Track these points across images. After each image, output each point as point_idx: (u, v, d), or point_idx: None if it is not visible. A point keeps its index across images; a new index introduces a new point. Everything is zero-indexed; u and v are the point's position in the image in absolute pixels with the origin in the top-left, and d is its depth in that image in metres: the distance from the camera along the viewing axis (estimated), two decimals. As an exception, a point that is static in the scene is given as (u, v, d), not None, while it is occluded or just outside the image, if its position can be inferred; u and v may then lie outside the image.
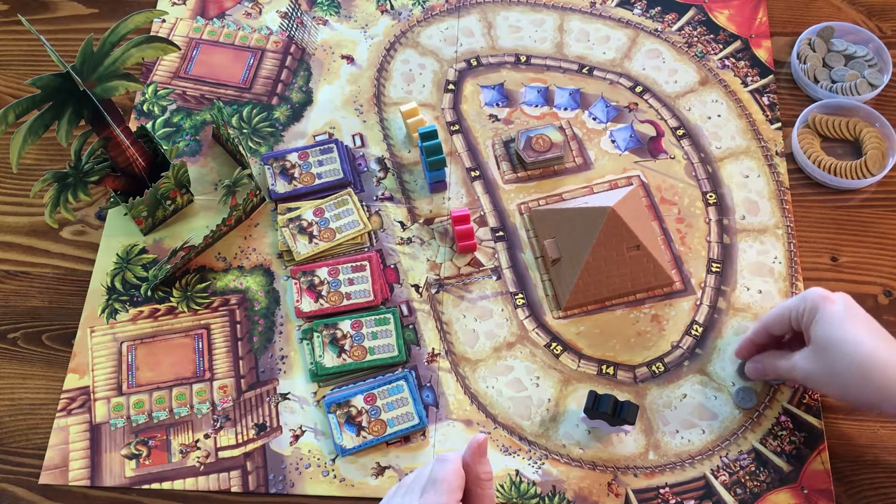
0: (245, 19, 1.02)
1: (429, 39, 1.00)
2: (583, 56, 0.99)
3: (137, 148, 0.83)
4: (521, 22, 1.02)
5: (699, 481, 0.77)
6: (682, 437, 0.79)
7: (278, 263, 0.87)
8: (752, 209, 0.89)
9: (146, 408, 0.80)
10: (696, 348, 0.83)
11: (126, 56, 0.77)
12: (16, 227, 0.90)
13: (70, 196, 0.80)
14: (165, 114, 0.96)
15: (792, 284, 0.85)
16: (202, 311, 0.85)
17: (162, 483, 0.77)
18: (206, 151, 0.94)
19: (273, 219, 0.90)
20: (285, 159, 0.91)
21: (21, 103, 0.74)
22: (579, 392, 0.81)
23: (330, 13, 1.02)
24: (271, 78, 0.98)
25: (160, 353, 0.83)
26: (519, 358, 0.82)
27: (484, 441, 0.62)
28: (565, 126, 0.94)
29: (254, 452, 0.79)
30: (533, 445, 0.79)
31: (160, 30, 1.01)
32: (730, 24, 1.01)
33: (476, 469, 0.61)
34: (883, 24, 1.01)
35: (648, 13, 1.02)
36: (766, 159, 0.92)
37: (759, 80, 0.97)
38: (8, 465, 0.79)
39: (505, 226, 0.89)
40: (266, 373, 0.82)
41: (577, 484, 0.77)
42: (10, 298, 0.86)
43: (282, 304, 0.85)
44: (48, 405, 0.81)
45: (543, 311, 0.85)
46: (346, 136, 0.94)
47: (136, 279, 0.86)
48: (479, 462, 0.62)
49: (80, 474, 0.78)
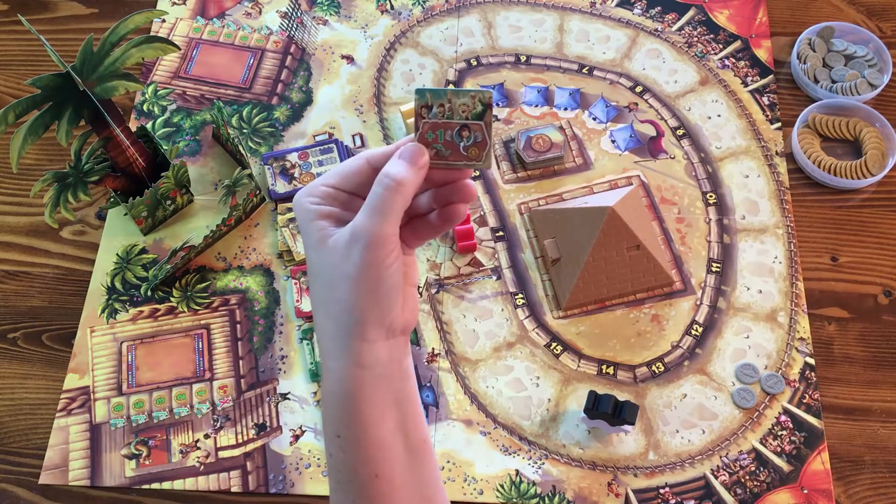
0: (245, 19, 1.02)
1: (429, 39, 1.00)
2: (583, 56, 0.99)
3: (137, 148, 0.83)
4: (521, 22, 1.02)
5: (699, 481, 0.77)
6: (682, 437, 0.79)
7: (278, 263, 0.87)
8: (752, 209, 0.89)
9: (146, 408, 0.80)
10: (696, 348, 0.83)
11: (126, 56, 0.77)
12: (16, 227, 0.90)
13: (70, 196, 0.80)
14: (165, 114, 0.96)
15: (792, 284, 0.85)
16: (202, 311, 0.85)
17: (162, 483, 0.77)
18: (206, 151, 0.94)
19: (273, 219, 0.90)
20: (285, 159, 0.91)
21: (21, 103, 0.74)
22: (579, 392, 0.81)
23: (330, 13, 1.02)
24: (271, 78, 0.98)
25: (160, 353, 0.83)
26: (519, 358, 0.82)
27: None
28: (565, 126, 0.94)
29: (254, 452, 0.79)
30: (533, 445, 0.79)
31: (160, 30, 1.01)
32: (730, 24, 1.01)
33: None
34: (883, 24, 1.01)
35: (648, 13, 1.02)
36: (766, 159, 0.92)
37: (759, 80, 0.97)
38: (8, 465, 0.79)
39: (505, 226, 0.89)
40: (266, 373, 0.82)
41: (577, 484, 0.77)
42: (10, 298, 0.86)
43: (282, 304, 0.85)
44: (48, 405, 0.81)
45: (543, 311, 0.85)
46: (346, 136, 0.94)
47: (136, 279, 0.86)
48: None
49: (80, 474, 0.78)
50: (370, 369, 0.47)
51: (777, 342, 0.83)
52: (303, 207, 0.48)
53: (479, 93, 0.48)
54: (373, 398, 0.47)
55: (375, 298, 0.46)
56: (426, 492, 0.49)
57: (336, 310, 0.46)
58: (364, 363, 0.47)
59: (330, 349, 0.47)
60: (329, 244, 0.46)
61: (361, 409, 0.47)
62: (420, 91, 0.48)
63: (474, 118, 0.48)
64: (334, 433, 0.48)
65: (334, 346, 0.47)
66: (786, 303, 0.85)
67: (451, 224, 0.50)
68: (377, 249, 0.45)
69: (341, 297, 0.46)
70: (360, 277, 0.45)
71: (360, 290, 0.46)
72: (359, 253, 0.45)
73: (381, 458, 0.47)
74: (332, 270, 0.46)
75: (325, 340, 0.48)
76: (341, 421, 0.48)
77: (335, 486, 0.49)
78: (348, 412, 0.47)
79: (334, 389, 0.47)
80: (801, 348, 0.82)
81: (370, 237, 0.45)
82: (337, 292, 0.46)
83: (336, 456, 0.48)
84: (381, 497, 0.47)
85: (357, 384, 0.47)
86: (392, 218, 0.45)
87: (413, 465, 0.49)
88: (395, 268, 0.46)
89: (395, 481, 0.48)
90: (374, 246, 0.45)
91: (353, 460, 0.47)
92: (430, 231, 0.50)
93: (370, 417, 0.47)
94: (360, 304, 0.46)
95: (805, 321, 0.84)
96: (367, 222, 0.45)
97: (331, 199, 0.48)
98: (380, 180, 0.46)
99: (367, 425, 0.47)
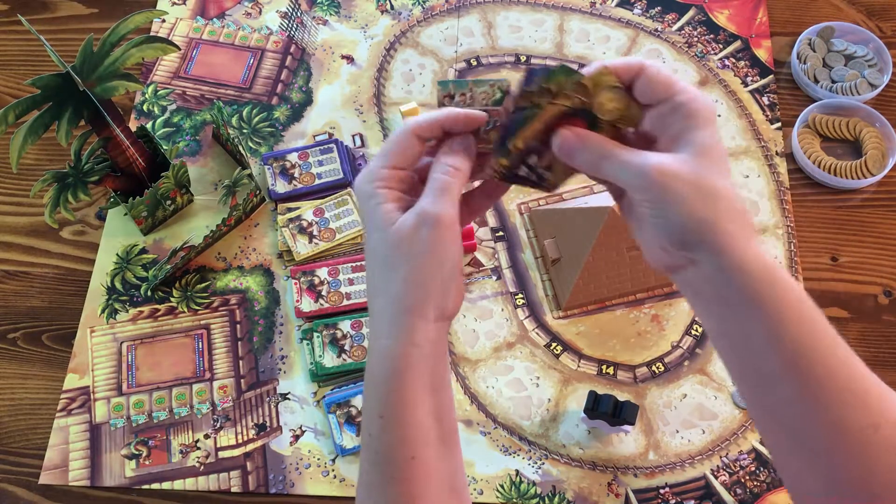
0: (245, 19, 1.02)
1: (429, 39, 1.00)
2: (583, 56, 0.99)
3: (137, 148, 0.83)
4: (521, 22, 1.02)
5: (699, 481, 0.77)
6: (682, 437, 0.79)
7: (278, 263, 0.87)
8: (752, 209, 0.89)
9: (146, 408, 0.80)
10: (696, 348, 0.83)
11: (126, 56, 0.77)
12: (16, 227, 0.90)
13: (70, 196, 0.80)
14: (165, 114, 0.96)
15: (792, 284, 0.85)
16: (202, 311, 0.85)
17: (162, 483, 0.77)
18: (206, 151, 0.94)
19: (273, 219, 0.90)
20: (285, 159, 0.91)
21: (21, 103, 0.74)
22: (579, 392, 0.81)
23: (330, 13, 1.02)
24: (271, 78, 0.98)
25: (160, 353, 0.83)
26: (519, 358, 0.82)
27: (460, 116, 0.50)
28: (565, 126, 0.94)
29: (254, 452, 0.79)
30: (533, 445, 0.79)
31: (160, 30, 1.01)
32: (730, 24, 1.01)
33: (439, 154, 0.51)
34: (883, 24, 1.01)
35: (648, 13, 1.02)
36: (766, 159, 0.92)
37: (759, 80, 0.97)
38: (8, 465, 0.79)
39: (505, 226, 0.89)
40: (266, 373, 0.82)
41: (577, 484, 0.77)
42: (10, 298, 0.86)
43: (282, 304, 0.85)
44: (48, 405, 0.81)
45: (543, 311, 0.85)
46: (346, 136, 0.94)
47: (136, 279, 0.86)
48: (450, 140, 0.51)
49: (80, 474, 0.78)
50: (420, 347, 0.49)
51: (777, 342, 0.83)
52: (366, 193, 0.50)
53: (498, 82, 0.51)
54: (418, 379, 0.49)
55: (440, 277, 0.49)
56: (455, 483, 0.51)
57: (396, 289, 0.49)
58: (417, 341, 0.48)
59: (383, 328, 0.49)
60: (395, 226, 0.49)
61: (406, 388, 0.48)
62: (443, 83, 0.52)
63: (493, 104, 0.51)
64: (377, 413, 0.49)
65: (389, 324, 0.49)
66: (786, 303, 0.84)
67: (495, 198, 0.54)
68: (443, 230, 0.48)
69: (405, 276, 0.48)
70: (426, 256, 0.48)
71: (425, 268, 0.48)
72: (426, 233, 0.48)
73: (419, 440, 0.49)
74: (396, 250, 0.48)
75: (380, 319, 0.50)
76: (386, 400, 0.49)
77: (368, 468, 0.50)
78: (394, 391, 0.49)
79: (383, 368, 0.49)
80: (801, 348, 0.82)
81: (436, 218, 0.48)
82: (400, 272, 0.48)
83: (375, 436, 0.49)
84: (416, 480, 0.48)
85: (406, 363, 0.48)
86: (453, 201, 0.49)
87: (444, 453, 0.50)
88: (457, 248, 0.49)
89: (429, 465, 0.49)
90: (440, 227, 0.48)
91: (393, 440, 0.49)
92: (479, 207, 0.54)
93: (412, 398, 0.49)
94: (425, 282, 0.48)
95: (805, 321, 0.84)
96: (431, 205, 0.48)
97: (391, 180, 0.50)
98: (438, 167, 0.50)
99: (409, 406, 0.49)
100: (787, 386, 0.45)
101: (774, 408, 0.47)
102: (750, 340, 0.46)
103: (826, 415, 0.45)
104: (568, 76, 0.47)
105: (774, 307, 0.46)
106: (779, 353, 0.45)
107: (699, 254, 0.47)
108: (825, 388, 0.45)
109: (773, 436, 0.48)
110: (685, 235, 0.46)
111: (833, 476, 0.45)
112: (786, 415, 0.46)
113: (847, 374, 0.46)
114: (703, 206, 0.46)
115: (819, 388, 0.45)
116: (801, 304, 0.46)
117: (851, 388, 0.45)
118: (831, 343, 0.46)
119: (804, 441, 0.46)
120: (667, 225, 0.47)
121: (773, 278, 0.46)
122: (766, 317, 0.46)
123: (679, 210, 0.46)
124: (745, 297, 0.46)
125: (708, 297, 0.48)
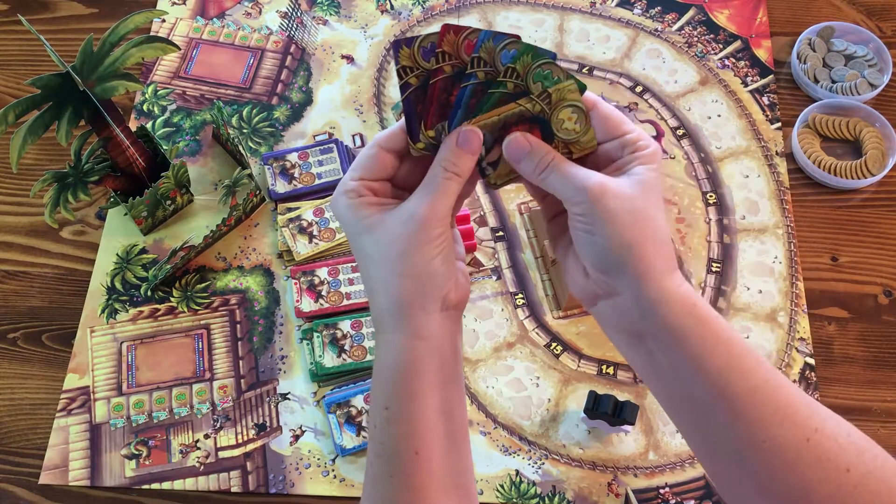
0: (245, 19, 1.02)
1: (429, 39, 1.00)
2: (583, 56, 0.99)
3: (137, 148, 0.83)
4: (521, 22, 1.02)
5: (699, 481, 0.77)
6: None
7: (278, 263, 0.87)
8: (752, 209, 0.89)
9: (146, 408, 0.80)
10: (696, 348, 0.83)
11: (126, 56, 0.77)
12: (16, 227, 0.90)
13: (70, 196, 0.80)
14: (165, 114, 0.96)
15: (792, 284, 0.85)
16: (202, 311, 0.85)
17: (162, 483, 0.77)
18: (206, 151, 0.94)
19: (273, 219, 0.90)
20: (285, 159, 0.91)
21: (21, 103, 0.74)
22: (579, 392, 0.81)
23: (330, 13, 1.02)
24: (271, 78, 0.98)
25: (160, 353, 0.83)
26: (519, 358, 0.82)
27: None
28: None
29: (254, 452, 0.79)
30: (533, 445, 0.79)
31: (160, 30, 1.01)
32: (730, 24, 1.01)
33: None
34: (883, 24, 1.01)
35: (648, 13, 1.02)
36: (766, 159, 0.92)
37: (759, 80, 0.97)
38: (8, 465, 0.79)
39: (505, 226, 0.89)
40: (266, 373, 0.82)
41: (577, 484, 0.77)
42: (10, 298, 0.86)
43: (282, 304, 0.85)
44: (48, 405, 0.81)
45: (543, 311, 0.85)
46: (346, 136, 0.94)
47: (136, 279, 0.86)
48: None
49: (80, 474, 0.78)
50: (426, 340, 0.49)
51: (777, 342, 0.83)
52: (340, 206, 0.51)
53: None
54: (425, 373, 0.49)
55: (431, 270, 0.49)
56: (460, 480, 0.51)
57: (394, 284, 0.49)
58: (421, 334, 0.49)
59: (387, 323, 0.50)
60: (382, 227, 0.49)
61: (412, 382, 0.49)
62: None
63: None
64: (383, 405, 0.49)
65: (393, 319, 0.49)
66: (786, 303, 0.85)
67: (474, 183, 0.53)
68: (432, 227, 0.48)
69: (400, 270, 0.48)
70: (418, 251, 0.48)
71: (419, 262, 0.48)
72: (414, 229, 0.48)
73: (423, 435, 0.49)
74: (388, 248, 0.49)
75: (383, 316, 0.50)
76: (391, 392, 0.49)
77: (374, 459, 0.50)
78: (400, 384, 0.49)
79: (389, 361, 0.49)
80: (801, 348, 0.83)
81: (425, 216, 0.48)
82: (396, 267, 0.49)
83: (381, 427, 0.49)
84: (419, 475, 0.49)
85: (413, 356, 0.49)
86: (447, 198, 0.49)
87: (451, 449, 0.50)
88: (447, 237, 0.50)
89: (433, 461, 0.49)
90: (428, 224, 0.48)
91: (397, 433, 0.49)
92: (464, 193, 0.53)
93: (419, 392, 0.49)
94: (420, 276, 0.49)
95: (805, 321, 0.84)
96: (421, 203, 0.49)
97: (362, 190, 0.51)
98: (437, 163, 0.50)
99: (415, 399, 0.49)
100: (721, 412, 0.47)
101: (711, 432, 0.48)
102: (678, 370, 0.48)
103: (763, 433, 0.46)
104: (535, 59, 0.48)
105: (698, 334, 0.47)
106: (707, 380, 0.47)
107: (620, 282, 0.48)
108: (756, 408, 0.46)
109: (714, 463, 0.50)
110: (610, 256, 0.47)
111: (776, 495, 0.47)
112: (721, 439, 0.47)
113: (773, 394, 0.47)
114: (632, 229, 0.47)
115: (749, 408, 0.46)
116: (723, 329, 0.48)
117: (780, 405, 0.47)
118: (755, 366, 0.47)
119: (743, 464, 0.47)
120: (594, 244, 0.48)
121: (693, 305, 0.47)
122: (691, 346, 0.47)
123: (610, 230, 0.47)
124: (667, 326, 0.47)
125: (626, 329, 0.49)
